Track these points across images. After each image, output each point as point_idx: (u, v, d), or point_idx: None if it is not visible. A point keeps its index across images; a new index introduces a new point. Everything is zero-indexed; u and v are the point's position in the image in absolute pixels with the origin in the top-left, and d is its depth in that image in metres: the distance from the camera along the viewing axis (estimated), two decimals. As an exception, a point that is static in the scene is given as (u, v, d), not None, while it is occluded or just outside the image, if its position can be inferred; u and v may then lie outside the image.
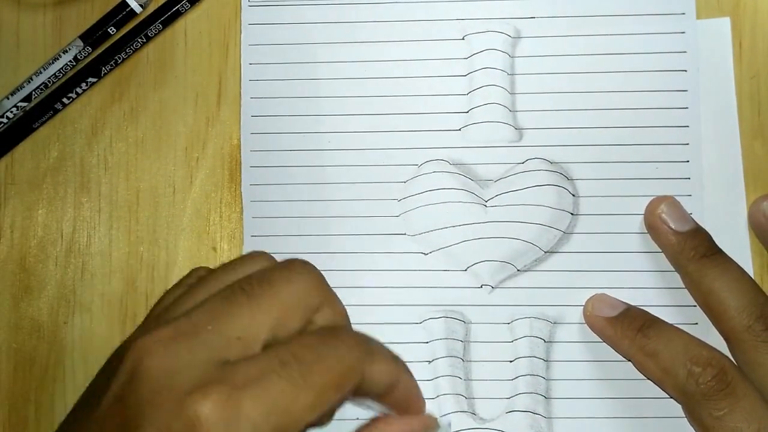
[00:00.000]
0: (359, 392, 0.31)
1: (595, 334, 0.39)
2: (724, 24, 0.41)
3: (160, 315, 0.31)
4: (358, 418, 0.39)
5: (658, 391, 0.37)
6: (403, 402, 0.33)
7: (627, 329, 0.37)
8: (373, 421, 0.34)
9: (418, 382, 0.33)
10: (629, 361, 0.38)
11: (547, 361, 0.39)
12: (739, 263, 0.38)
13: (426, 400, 0.36)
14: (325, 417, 0.33)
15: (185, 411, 0.26)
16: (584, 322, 0.39)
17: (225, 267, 0.32)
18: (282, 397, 0.27)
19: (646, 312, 0.38)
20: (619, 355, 0.38)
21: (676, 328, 0.37)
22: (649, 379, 0.37)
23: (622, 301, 0.39)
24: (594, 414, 0.39)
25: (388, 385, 0.32)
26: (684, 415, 0.37)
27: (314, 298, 0.30)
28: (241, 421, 0.26)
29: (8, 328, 0.41)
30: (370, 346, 0.31)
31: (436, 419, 0.36)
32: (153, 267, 0.41)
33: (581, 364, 0.39)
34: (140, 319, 0.37)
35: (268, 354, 0.28)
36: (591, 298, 0.39)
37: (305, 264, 0.31)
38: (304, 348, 0.29)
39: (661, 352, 0.36)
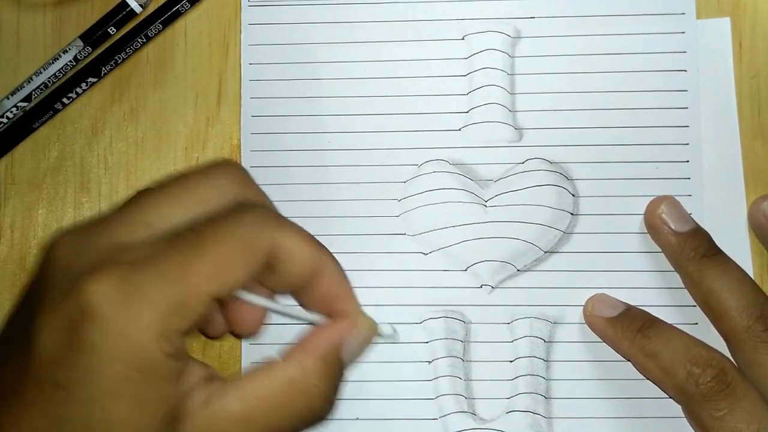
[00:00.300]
0: (278, 280, 0.29)
1: (595, 334, 0.39)
2: (724, 24, 0.41)
3: None
4: (357, 418, 0.39)
5: (658, 391, 0.37)
6: (330, 299, 0.31)
7: (627, 329, 0.37)
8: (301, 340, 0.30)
9: (365, 307, 0.32)
10: (629, 361, 0.38)
11: (547, 361, 0.39)
12: (739, 263, 0.38)
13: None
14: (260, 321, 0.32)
15: (79, 290, 0.26)
16: (584, 322, 0.39)
17: None
18: (177, 269, 0.26)
19: (646, 312, 0.38)
20: (619, 355, 0.38)
21: (676, 328, 0.37)
22: (649, 379, 0.37)
23: (622, 301, 0.39)
24: (594, 414, 0.39)
25: (307, 270, 0.30)
26: (684, 415, 0.37)
27: (236, 193, 0.30)
28: (134, 297, 0.26)
29: (8, 328, 0.41)
30: (283, 220, 0.30)
31: (373, 321, 0.32)
32: (153, 267, 0.41)
33: (581, 364, 0.39)
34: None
35: (165, 231, 0.28)
36: (591, 298, 0.39)
37: (229, 162, 0.31)
38: (205, 222, 0.28)
39: (661, 352, 0.36)
